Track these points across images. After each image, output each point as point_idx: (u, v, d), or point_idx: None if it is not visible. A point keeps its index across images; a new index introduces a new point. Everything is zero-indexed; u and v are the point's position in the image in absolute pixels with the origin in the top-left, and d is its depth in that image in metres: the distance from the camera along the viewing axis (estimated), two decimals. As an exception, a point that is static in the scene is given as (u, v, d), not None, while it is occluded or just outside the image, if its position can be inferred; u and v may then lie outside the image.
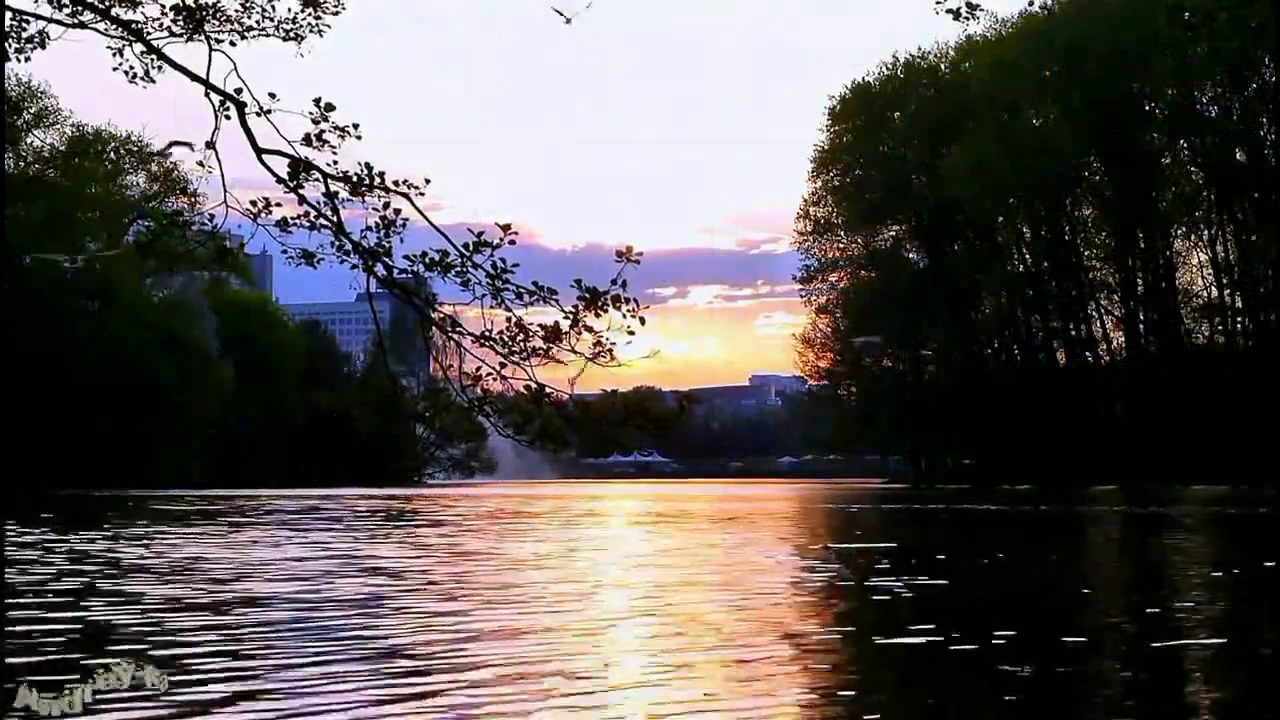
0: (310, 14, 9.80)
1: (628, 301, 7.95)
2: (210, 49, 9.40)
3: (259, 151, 8.97)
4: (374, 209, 8.65)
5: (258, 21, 9.69)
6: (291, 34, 9.82)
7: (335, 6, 9.83)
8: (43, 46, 10.22)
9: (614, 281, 7.96)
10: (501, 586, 11.65)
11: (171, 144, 10.90)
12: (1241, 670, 7.20)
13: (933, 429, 74.28)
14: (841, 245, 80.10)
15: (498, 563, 14.54)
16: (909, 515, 30.82)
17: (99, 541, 17.95)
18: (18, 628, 8.21)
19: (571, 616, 9.16)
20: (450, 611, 9.31)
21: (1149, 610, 9.82)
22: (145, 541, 17.99)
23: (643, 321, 8.00)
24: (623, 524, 27.03)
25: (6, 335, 52.54)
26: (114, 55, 9.94)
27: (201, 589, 11.01)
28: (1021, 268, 74.52)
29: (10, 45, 10.09)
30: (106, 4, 9.64)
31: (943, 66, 76.28)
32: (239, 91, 9.11)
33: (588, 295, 8.03)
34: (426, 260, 8.40)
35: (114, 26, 9.72)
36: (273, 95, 9.02)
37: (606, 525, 26.28)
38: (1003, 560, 15.42)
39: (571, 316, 8.12)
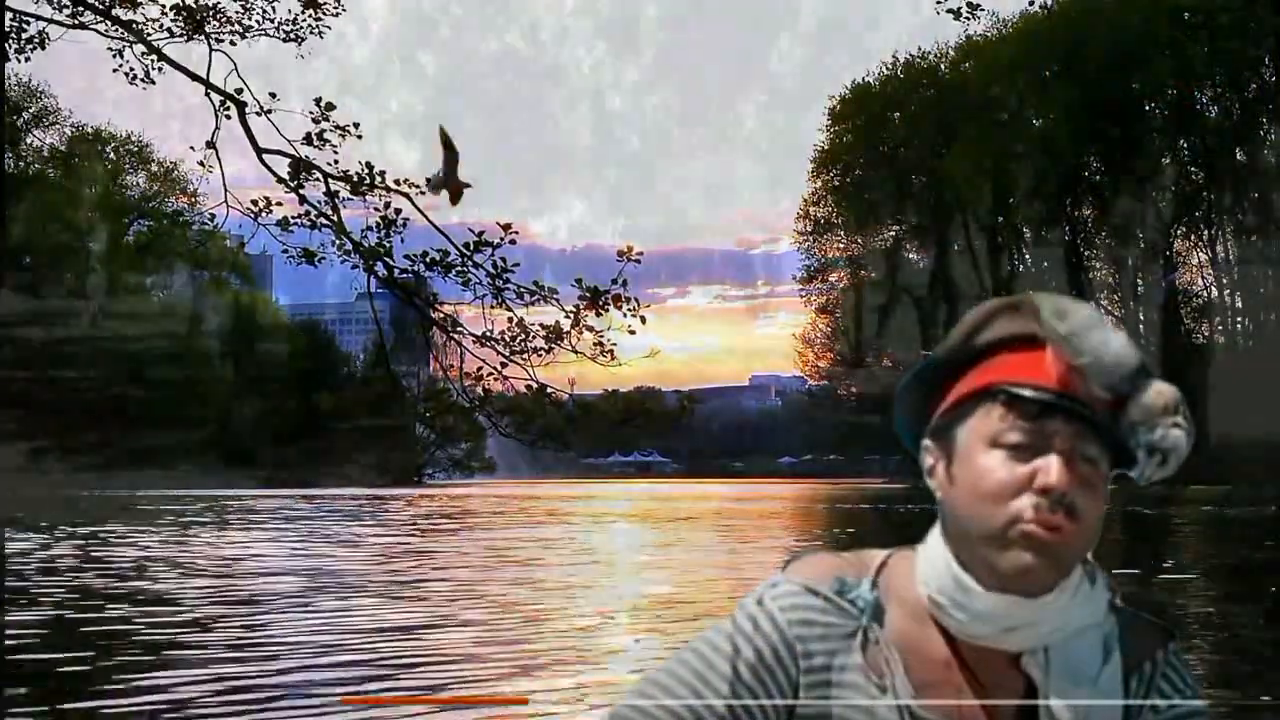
0: (310, 15, 9.81)
1: (628, 300, 7.95)
2: (210, 49, 9.41)
3: (259, 151, 8.97)
4: (374, 208, 8.66)
5: (258, 22, 9.70)
6: (291, 34, 9.83)
7: (335, 7, 9.84)
8: (42, 47, 10.21)
9: (614, 281, 7.96)
10: (411, 583, 11.85)
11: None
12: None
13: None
14: (841, 245, 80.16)
15: (432, 562, 14.78)
16: (901, 516, 30.79)
17: (64, 542, 17.89)
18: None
19: (443, 611, 9.36)
20: (341, 609, 9.51)
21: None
22: (99, 541, 18.01)
23: (644, 320, 8.00)
24: (587, 522, 27.31)
25: (6, 335, 52.40)
26: (114, 56, 9.96)
27: (115, 587, 11.17)
28: (1021, 268, 74.44)
29: (10, 45, 10.08)
30: (106, 4, 9.63)
31: (943, 66, 76.23)
32: (239, 91, 9.13)
33: (589, 294, 8.03)
34: (427, 260, 8.39)
35: (114, 27, 9.72)
36: (273, 95, 9.06)
37: (570, 524, 26.52)
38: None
39: (572, 316, 8.12)
